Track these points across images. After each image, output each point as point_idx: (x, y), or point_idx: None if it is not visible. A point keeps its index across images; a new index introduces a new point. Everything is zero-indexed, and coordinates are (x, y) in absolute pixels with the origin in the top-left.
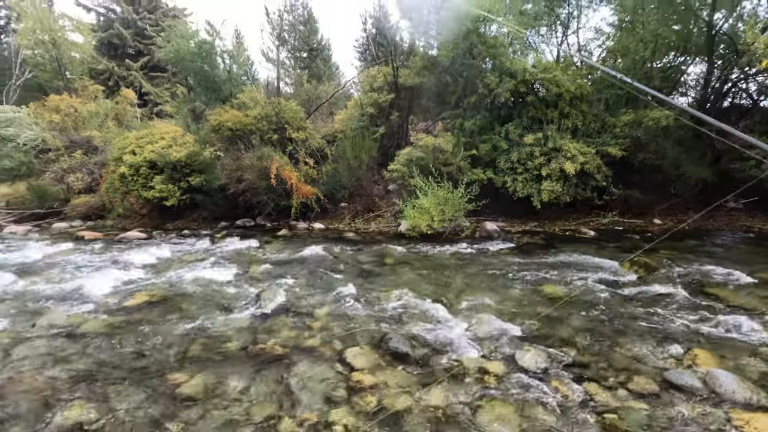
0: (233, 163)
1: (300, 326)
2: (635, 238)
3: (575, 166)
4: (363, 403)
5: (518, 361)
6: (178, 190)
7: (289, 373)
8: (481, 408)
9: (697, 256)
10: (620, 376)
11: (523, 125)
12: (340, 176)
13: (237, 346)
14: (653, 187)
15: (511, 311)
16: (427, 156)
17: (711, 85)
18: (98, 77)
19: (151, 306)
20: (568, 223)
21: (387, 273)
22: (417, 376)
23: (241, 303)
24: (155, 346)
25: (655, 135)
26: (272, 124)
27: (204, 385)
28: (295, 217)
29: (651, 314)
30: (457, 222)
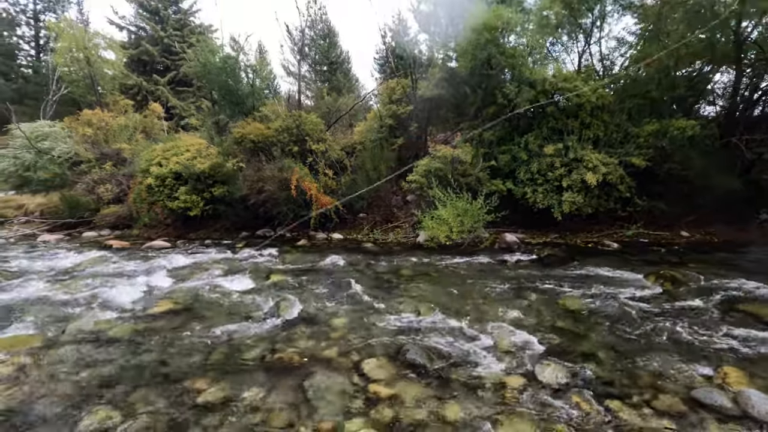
0: (254, 174)
1: (318, 336)
2: (661, 251)
3: (597, 177)
4: (379, 415)
5: (538, 375)
6: (201, 201)
7: (307, 383)
8: (500, 423)
9: (727, 270)
10: (645, 394)
11: (543, 136)
12: (358, 187)
13: (256, 354)
14: (679, 198)
15: (531, 324)
16: (446, 167)
17: (740, 94)
18: (128, 92)
19: (175, 314)
20: (590, 235)
21: (405, 284)
22: (434, 388)
23: (261, 312)
24: (178, 353)
25: (680, 145)
26: (293, 136)
27: (224, 392)
28: (314, 228)
29: (677, 330)
30: (476, 233)
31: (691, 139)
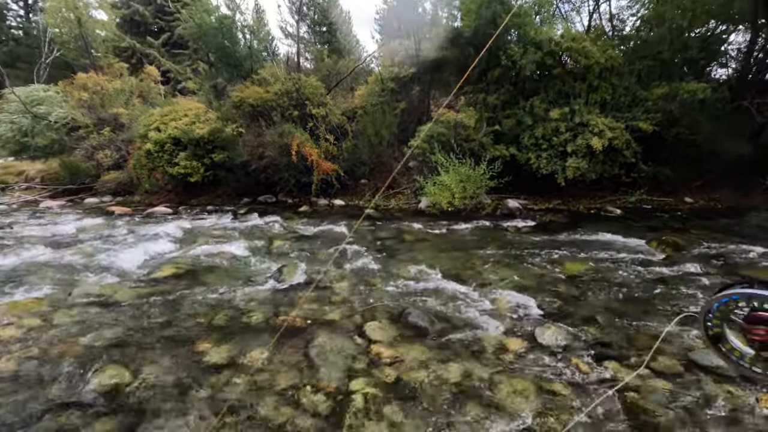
0: (255, 139)
1: (320, 300)
2: (664, 217)
3: (602, 142)
4: (382, 375)
5: (538, 338)
6: (201, 167)
7: (310, 345)
8: (500, 383)
9: (729, 235)
10: (643, 356)
11: (549, 99)
12: (360, 153)
13: (259, 317)
14: (685, 163)
15: (532, 288)
16: (449, 132)
17: (754, 56)
18: (121, 55)
19: (178, 278)
20: (593, 201)
21: (407, 249)
22: (435, 350)
23: (264, 277)
24: (182, 316)
25: (690, 108)
26: (293, 100)
27: (228, 353)
28: (316, 194)
29: (678, 294)
30: (478, 199)
31: (702, 102)
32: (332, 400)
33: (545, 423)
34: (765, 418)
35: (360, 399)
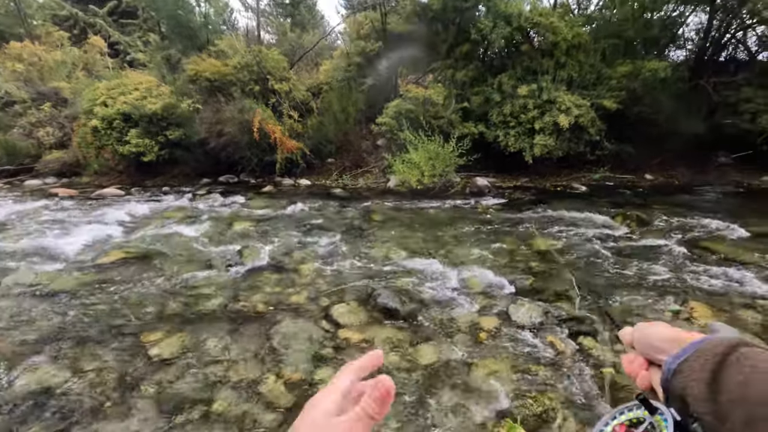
0: (213, 116)
1: (284, 283)
2: (626, 193)
3: (569, 120)
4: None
5: (512, 316)
6: (155, 145)
7: (273, 332)
8: (474, 365)
9: (688, 210)
10: (615, 330)
11: (517, 76)
12: (326, 130)
13: (217, 304)
14: (646, 141)
15: (504, 266)
16: (417, 108)
17: (710, 36)
18: (62, 24)
19: (127, 263)
20: (559, 179)
21: (376, 229)
22: (407, 332)
23: (223, 260)
24: (130, 305)
25: (652, 87)
26: (253, 74)
27: (181, 344)
28: (280, 173)
29: (645, 268)
30: (447, 177)
31: (663, 81)
32: (296, 391)
33: (523, 404)
34: None
35: None
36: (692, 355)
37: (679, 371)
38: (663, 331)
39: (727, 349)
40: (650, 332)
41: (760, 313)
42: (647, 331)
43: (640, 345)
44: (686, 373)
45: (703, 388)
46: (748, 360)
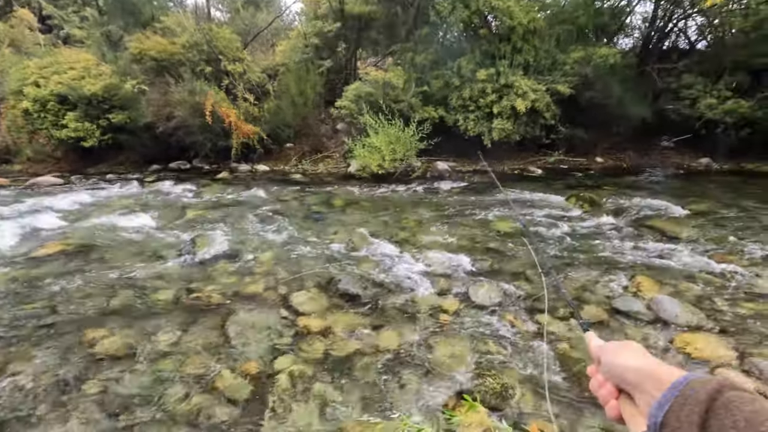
0: (161, 98)
1: (241, 272)
2: (579, 176)
3: (526, 104)
4: (310, 350)
5: (472, 297)
6: (97, 129)
7: (229, 323)
8: (436, 347)
9: (635, 191)
10: (570, 307)
11: (476, 60)
12: (283, 114)
13: (168, 296)
14: (597, 126)
15: (464, 248)
16: (377, 92)
17: (655, 25)
18: None
19: (67, 256)
20: (517, 162)
21: (337, 214)
22: (369, 317)
23: (174, 250)
24: (69, 300)
25: (602, 73)
26: (204, 54)
27: (128, 340)
28: (237, 159)
29: (596, 246)
30: (408, 162)
31: (612, 67)
32: (254, 382)
33: (482, 383)
34: (682, 358)
35: (285, 378)
36: (676, 402)
37: (665, 424)
38: (635, 363)
39: (713, 394)
40: (621, 363)
41: (698, 285)
42: (618, 360)
43: (609, 373)
44: (673, 425)
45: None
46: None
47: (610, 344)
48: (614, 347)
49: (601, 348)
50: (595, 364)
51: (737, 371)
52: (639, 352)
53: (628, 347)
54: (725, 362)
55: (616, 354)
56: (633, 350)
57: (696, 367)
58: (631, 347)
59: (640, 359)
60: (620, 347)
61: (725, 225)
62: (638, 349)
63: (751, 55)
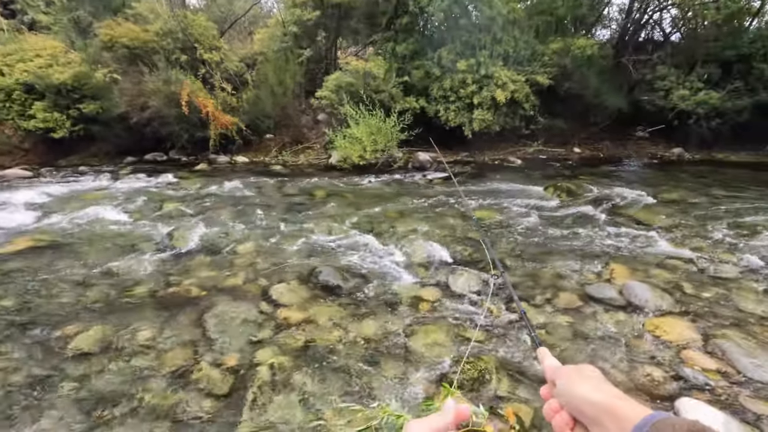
0: (134, 87)
1: (220, 265)
2: (557, 166)
3: (506, 95)
4: (291, 341)
5: (452, 286)
6: (67, 120)
7: (208, 316)
8: (416, 334)
9: (610, 180)
10: (547, 293)
11: (457, 51)
12: (263, 104)
13: (144, 290)
14: (575, 116)
15: (444, 238)
16: (358, 82)
17: (632, 17)
18: None
19: (37, 252)
20: (497, 153)
21: (318, 206)
22: (349, 308)
23: (151, 244)
24: (41, 297)
25: (580, 64)
26: (179, 42)
27: (103, 336)
28: (215, 150)
29: (573, 234)
30: (389, 152)
31: (590, 58)
32: (233, 376)
33: (461, 370)
34: (651, 341)
35: (266, 371)
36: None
37: None
38: (592, 397)
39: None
40: (578, 394)
41: (668, 271)
42: (575, 390)
43: (566, 402)
44: None
45: None
46: None
47: (565, 369)
48: (570, 373)
49: (556, 371)
50: (549, 386)
51: (701, 352)
52: (596, 381)
53: (585, 374)
54: (691, 344)
55: (572, 382)
56: (590, 378)
57: (664, 349)
58: (588, 374)
59: (598, 391)
60: (576, 373)
61: (694, 213)
62: (595, 376)
63: (722, 47)
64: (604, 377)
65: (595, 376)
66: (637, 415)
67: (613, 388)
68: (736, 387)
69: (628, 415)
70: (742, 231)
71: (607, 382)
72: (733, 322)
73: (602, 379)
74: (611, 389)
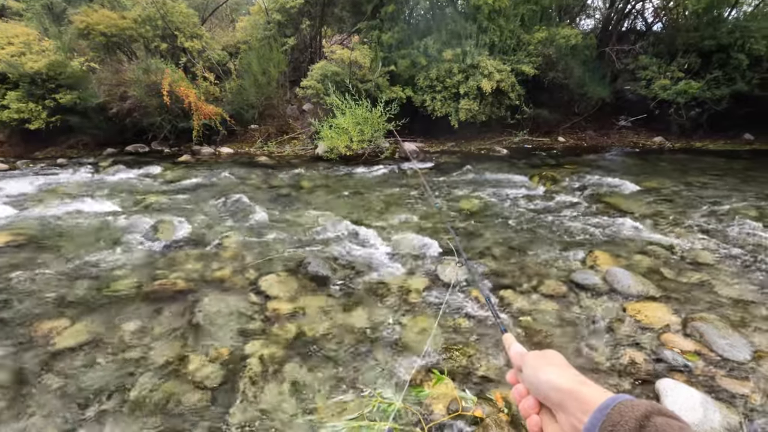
0: (113, 77)
1: (207, 258)
2: (542, 155)
3: (492, 84)
4: (281, 333)
5: (440, 275)
6: (43, 111)
7: (196, 309)
8: (405, 325)
9: (594, 169)
10: (533, 281)
11: (443, 40)
12: (247, 94)
13: (130, 284)
14: (559, 106)
15: (432, 227)
16: (344, 71)
17: (615, 6)
18: None
19: (16, 247)
20: (483, 143)
21: (304, 197)
22: (339, 298)
23: (135, 237)
24: (22, 292)
25: (564, 54)
26: (158, 29)
27: (88, 331)
28: (198, 141)
29: (557, 222)
30: (376, 143)
31: (574, 48)
32: (224, 368)
33: (450, 357)
34: (633, 325)
35: (256, 362)
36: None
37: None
38: (557, 382)
39: (641, 421)
40: (543, 379)
41: (650, 258)
42: (540, 375)
43: (531, 387)
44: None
45: None
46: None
47: (530, 355)
48: (535, 359)
49: (522, 357)
50: (515, 371)
51: (680, 335)
52: (561, 366)
53: (550, 359)
54: (670, 327)
55: (537, 368)
56: (555, 364)
57: (645, 332)
58: (553, 359)
59: (563, 376)
60: (542, 359)
61: (673, 200)
62: (560, 361)
63: (701, 37)
64: (568, 363)
65: (560, 361)
66: (600, 398)
67: (576, 373)
68: (713, 367)
69: (592, 398)
70: (719, 217)
71: (570, 368)
72: (710, 305)
73: (566, 365)
74: (575, 374)
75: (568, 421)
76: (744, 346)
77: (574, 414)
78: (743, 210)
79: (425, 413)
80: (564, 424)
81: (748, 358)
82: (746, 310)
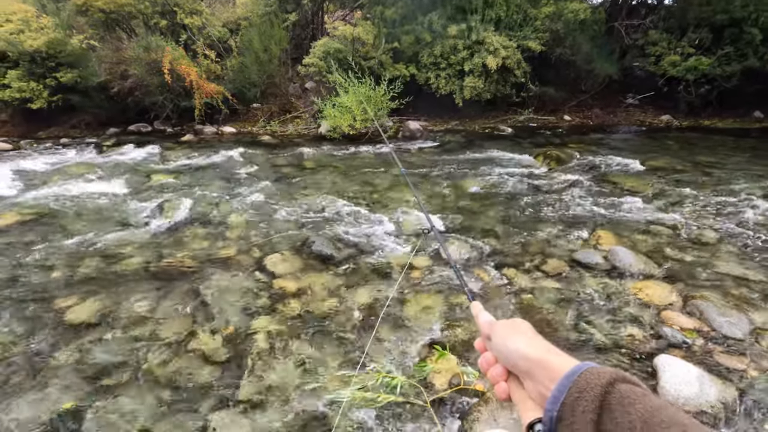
0: (113, 54)
1: (213, 236)
2: (547, 134)
3: (497, 61)
4: (287, 310)
5: (443, 253)
6: (44, 90)
7: (204, 287)
8: (408, 302)
9: (599, 148)
10: (535, 260)
11: (447, 15)
12: (248, 72)
13: (138, 262)
14: (566, 83)
15: (436, 206)
16: (346, 48)
17: None
18: None
19: (25, 226)
20: (487, 121)
21: (308, 176)
22: (343, 277)
23: (141, 216)
24: (32, 271)
25: (572, 29)
26: (157, 6)
27: (99, 308)
28: (201, 120)
29: (561, 202)
30: (380, 121)
31: (582, 22)
32: (231, 343)
33: (452, 333)
34: (634, 303)
35: (263, 338)
36: (570, 394)
37: (560, 419)
38: (525, 350)
39: (606, 387)
40: (512, 347)
41: (652, 237)
42: (509, 344)
43: (500, 356)
44: (568, 420)
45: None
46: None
47: (499, 324)
48: (504, 328)
49: (491, 326)
50: (483, 339)
51: (681, 313)
52: (529, 335)
53: (518, 329)
54: (671, 305)
55: (506, 336)
56: (523, 333)
57: (646, 310)
58: (521, 329)
59: (531, 346)
60: (510, 328)
61: (679, 180)
62: (528, 330)
63: (714, 11)
64: (536, 331)
65: (528, 330)
66: (567, 367)
67: (545, 342)
68: (711, 344)
69: (559, 366)
70: (726, 197)
71: (539, 337)
72: (711, 283)
73: (535, 334)
74: (544, 343)
75: (535, 389)
76: (743, 323)
77: (541, 382)
78: (750, 189)
79: (428, 387)
80: (531, 391)
81: (747, 334)
82: (748, 288)
